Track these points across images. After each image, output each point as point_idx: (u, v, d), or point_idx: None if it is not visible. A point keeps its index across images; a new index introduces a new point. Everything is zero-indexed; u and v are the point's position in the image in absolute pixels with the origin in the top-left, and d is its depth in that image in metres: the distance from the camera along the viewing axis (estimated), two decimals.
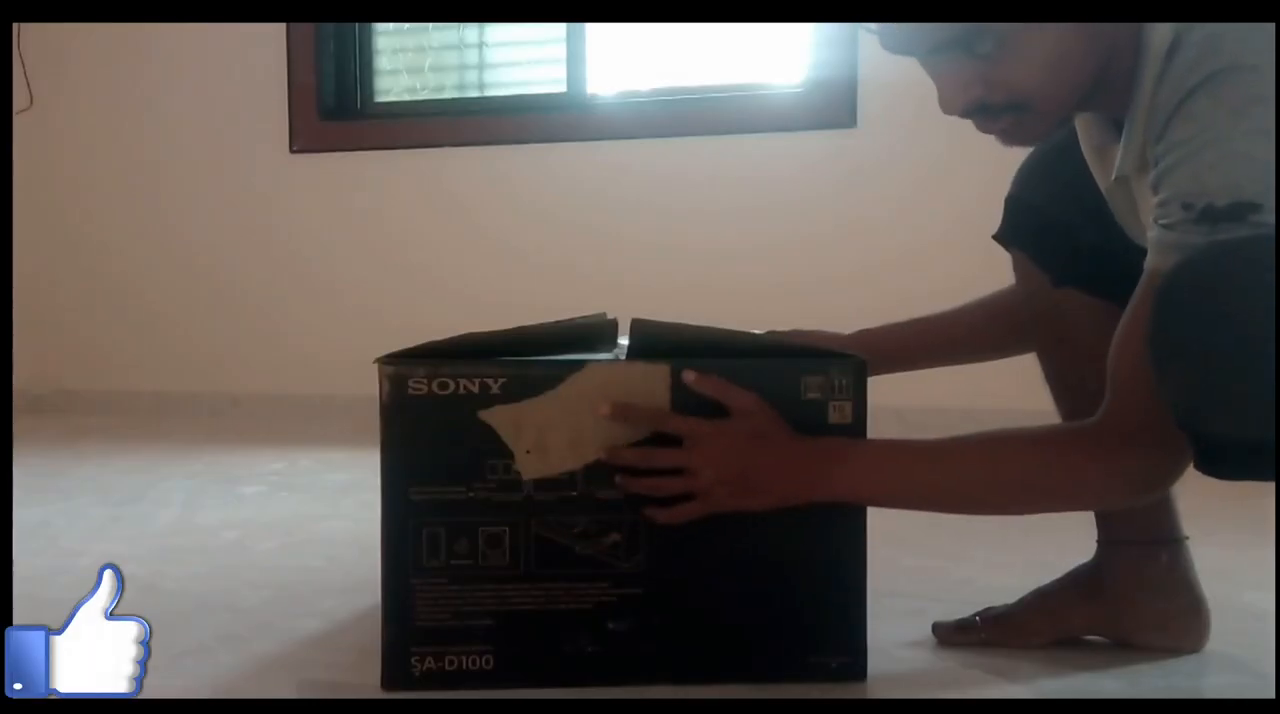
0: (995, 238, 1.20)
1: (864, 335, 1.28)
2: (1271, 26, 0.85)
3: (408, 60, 3.24)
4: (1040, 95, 0.93)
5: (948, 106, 0.94)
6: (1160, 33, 0.89)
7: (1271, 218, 0.83)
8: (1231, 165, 0.85)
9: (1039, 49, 0.90)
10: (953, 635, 1.17)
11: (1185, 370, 0.85)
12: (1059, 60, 0.91)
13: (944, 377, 1.39)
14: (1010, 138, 0.98)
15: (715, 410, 1.02)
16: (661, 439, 1.02)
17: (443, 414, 1.02)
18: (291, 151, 3.18)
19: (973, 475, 1.01)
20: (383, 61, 3.25)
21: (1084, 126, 1.06)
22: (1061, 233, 1.13)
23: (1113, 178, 0.99)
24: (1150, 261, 0.92)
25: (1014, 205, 1.18)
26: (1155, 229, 0.91)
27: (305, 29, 3.13)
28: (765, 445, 1.01)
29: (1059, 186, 1.13)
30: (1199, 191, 0.86)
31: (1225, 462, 0.87)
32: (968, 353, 1.32)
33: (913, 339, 1.30)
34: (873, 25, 0.93)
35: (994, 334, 1.27)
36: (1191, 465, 0.90)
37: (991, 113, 0.94)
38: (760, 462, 1.00)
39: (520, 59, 3.19)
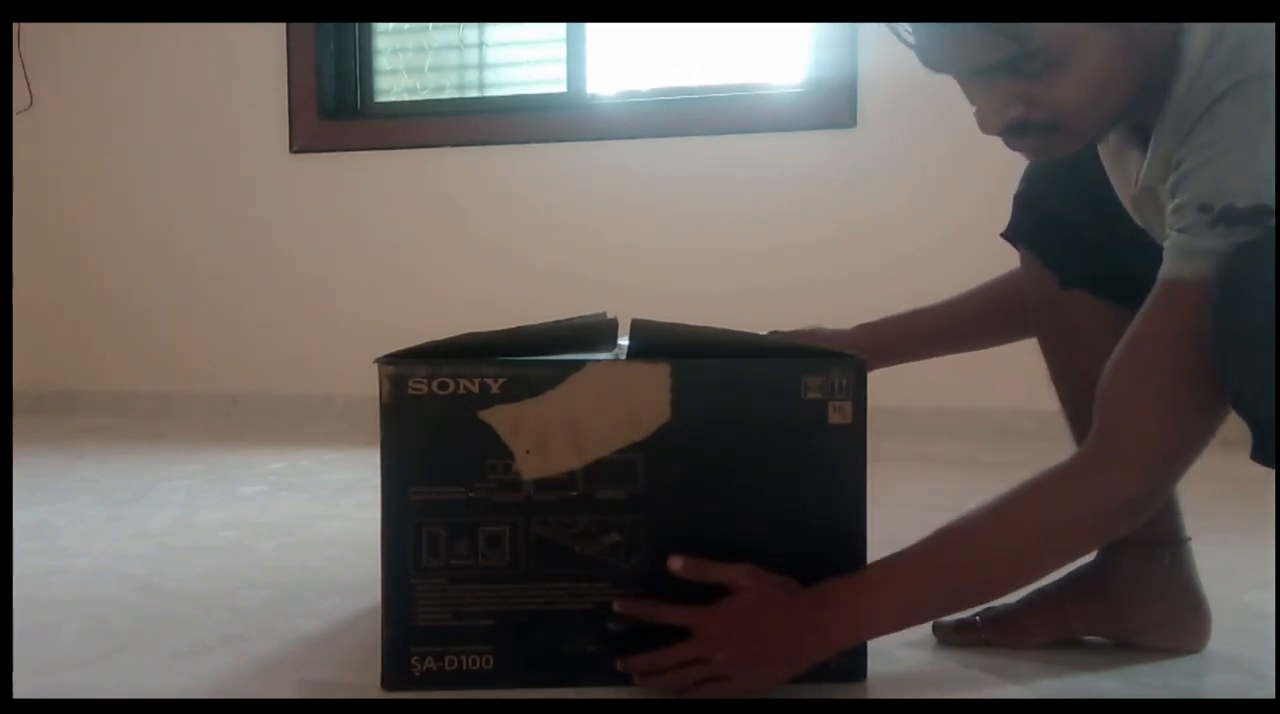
0: (1003, 236, 1.19)
1: (864, 330, 1.28)
2: None
3: (408, 60, 3.25)
4: (1080, 114, 0.91)
5: (987, 126, 0.92)
6: (1196, 44, 0.88)
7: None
8: (1257, 168, 0.85)
9: (1085, 69, 0.88)
10: (953, 635, 1.17)
11: (1248, 357, 0.84)
12: (1104, 80, 0.90)
13: (944, 377, 1.39)
14: (1040, 153, 0.96)
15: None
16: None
17: (443, 414, 1.02)
18: (291, 151, 3.18)
19: (973, 563, 0.99)
20: (383, 61, 3.25)
21: None
22: (1070, 233, 1.12)
23: (1137, 187, 0.98)
24: (1166, 270, 0.91)
25: (1023, 203, 1.17)
26: (1171, 235, 0.90)
27: (305, 29, 3.13)
28: (765, 614, 0.99)
29: (1068, 186, 1.12)
30: (1221, 192, 0.86)
31: None
32: (968, 340, 1.31)
33: (913, 330, 1.30)
34: (909, 37, 0.91)
35: (994, 320, 1.27)
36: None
37: (1025, 130, 0.92)
38: (764, 632, 0.99)
39: (520, 59, 3.19)
